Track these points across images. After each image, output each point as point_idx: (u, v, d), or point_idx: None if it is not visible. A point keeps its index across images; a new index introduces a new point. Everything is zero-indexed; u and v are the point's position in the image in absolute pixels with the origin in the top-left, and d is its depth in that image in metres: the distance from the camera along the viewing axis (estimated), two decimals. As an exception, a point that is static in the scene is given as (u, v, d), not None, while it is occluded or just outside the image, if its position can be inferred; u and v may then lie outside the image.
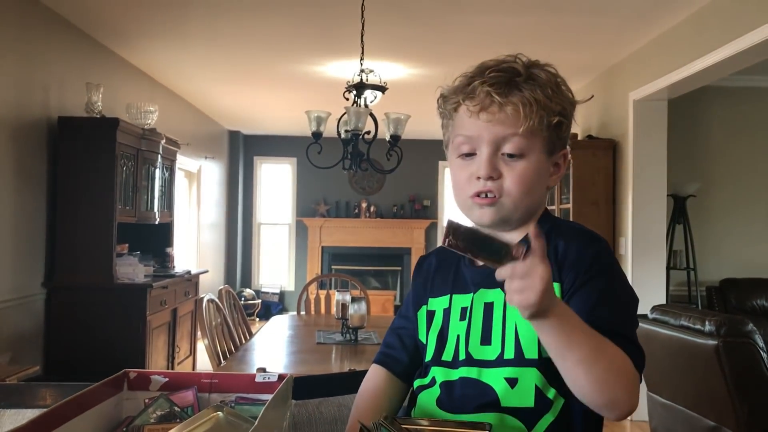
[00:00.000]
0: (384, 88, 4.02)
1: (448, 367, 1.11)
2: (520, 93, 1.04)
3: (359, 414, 1.16)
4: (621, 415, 0.96)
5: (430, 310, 1.18)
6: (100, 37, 4.66)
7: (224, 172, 8.83)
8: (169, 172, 5.28)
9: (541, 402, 1.03)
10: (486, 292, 1.10)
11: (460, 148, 1.09)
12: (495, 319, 1.07)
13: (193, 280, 5.46)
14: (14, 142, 3.73)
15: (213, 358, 3.31)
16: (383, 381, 1.22)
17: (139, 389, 1.00)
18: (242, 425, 0.89)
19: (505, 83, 1.05)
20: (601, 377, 0.93)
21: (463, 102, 1.07)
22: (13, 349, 3.69)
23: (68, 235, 4.10)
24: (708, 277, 5.67)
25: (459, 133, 1.09)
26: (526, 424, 1.03)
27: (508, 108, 1.04)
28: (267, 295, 9.29)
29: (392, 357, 1.24)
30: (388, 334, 1.28)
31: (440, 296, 1.17)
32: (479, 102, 1.05)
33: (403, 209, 9.39)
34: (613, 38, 4.53)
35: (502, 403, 1.04)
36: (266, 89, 6.41)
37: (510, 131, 1.04)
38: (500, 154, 1.06)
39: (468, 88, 1.07)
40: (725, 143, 5.82)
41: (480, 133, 1.06)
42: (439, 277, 1.20)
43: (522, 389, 1.04)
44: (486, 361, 1.07)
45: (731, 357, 2.62)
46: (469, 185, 1.08)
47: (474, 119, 1.06)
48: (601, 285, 1.02)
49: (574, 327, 0.92)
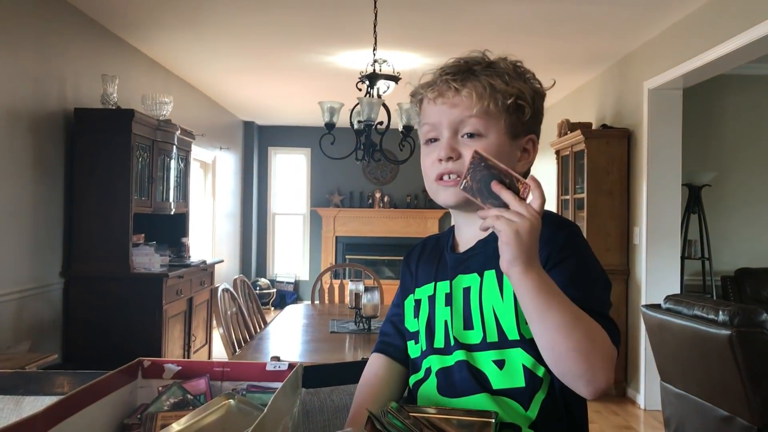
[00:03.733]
0: (397, 78, 4.02)
1: (442, 354, 1.13)
2: (477, 79, 1.09)
3: (360, 402, 1.18)
4: (597, 390, 0.93)
5: (417, 299, 1.21)
6: (115, 28, 4.70)
7: (239, 163, 8.87)
8: (184, 163, 5.32)
9: (532, 381, 1.05)
10: (462, 278, 1.13)
11: (426, 135, 1.15)
12: (473, 303, 1.10)
13: (209, 270, 5.51)
14: (32, 133, 3.77)
15: (228, 347, 3.34)
16: (383, 368, 1.25)
17: (153, 377, 1.02)
18: (253, 413, 0.91)
19: (463, 72, 1.11)
20: (580, 344, 0.92)
21: (424, 93, 1.14)
22: (32, 338, 3.75)
23: (85, 226, 4.15)
24: (723, 267, 5.63)
25: (423, 122, 1.15)
26: (521, 404, 1.05)
27: (463, 92, 1.09)
28: (282, 284, 9.35)
29: (389, 344, 1.27)
30: (384, 324, 1.32)
31: (425, 284, 1.20)
32: (437, 89, 1.11)
33: (416, 199, 9.40)
34: (627, 27, 4.49)
35: (494, 386, 1.06)
36: (280, 80, 6.42)
37: (466, 113, 1.09)
38: (459, 137, 1.10)
39: (430, 80, 1.14)
40: (741, 132, 5.77)
41: (439, 119, 1.11)
42: (425, 266, 1.24)
43: (511, 370, 1.05)
44: (471, 345, 1.09)
45: (745, 347, 2.61)
46: (433, 169, 1.12)
47: (432, 106, 1.12)
48: (572, 266, 1.03)
49: (553, 290, 0.93)
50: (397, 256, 9.46)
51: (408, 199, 9.40)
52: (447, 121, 1.10)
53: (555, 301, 0.93)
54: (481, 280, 1.10)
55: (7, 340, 3.53)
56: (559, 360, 0.94)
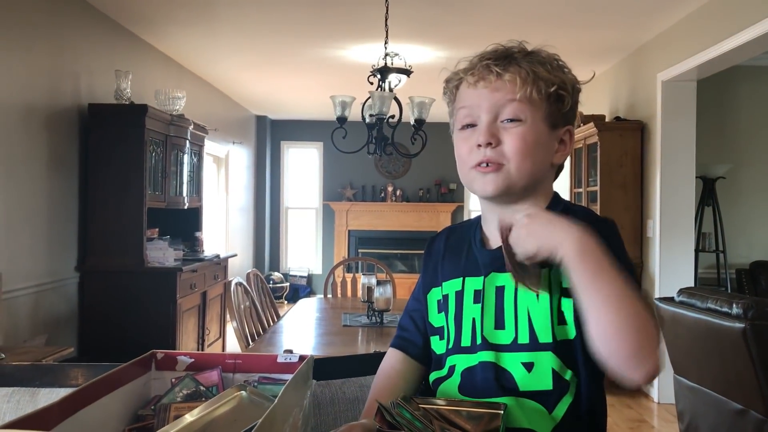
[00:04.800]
0: (409, 72, 4.01)
1: (467, 353, 1.10)
2: (518, 65, 1.08)
3: (376, 394, 1.17)
4: (647, 373, 0.90)
5: (444, 294, 1.17)
6: (128, 24, 4.72)
7: (252, 157, 8.90)
8: (198, 158, 5.35)
9: (559, 384, 1.04)
10: (497, 276, 1.10)
11: (462, 120, 1.12)
12: (506, 303, 1.07)
13: (222, 264, 5.54)
14: (47, 129, 3.81)
15: (241, 340, 3.37)
16: (399, 363, 1.23)
17: (166, 369, 1.04)
18: (264, 404, 0.92)
19: (504, 57, 1.09)
20: (630, 321, 0.90)
21: (464, 77, 1.11)
22: (48, 331, 3.80)
23: (99, 220, 4.19)
24: (738, 260, 5.59)
25: (460, 106, 1.12)
26: (546, 407, 1.04)
27: (506, 76, 1.07)
28: (295, 278, 9.38)
29: (407, 340, 1.25)
30: (403, 317, 1.29)
31: (452, 279, 1.17)
32: (478, 74, 1.09)
33: (429, 193, 9.39)
34: (640, 18, 4.46)
35: (521, 387, 1.04)
36: (292, 74, 6.43)
37: (509, 97, 1.07)
38: (499, 122, 1.08)
39: (468, 66, 1.11)
40: (756, 124, 5.71)
41: (479, 102, 1.09)
42: (450, 259, 1.20)
43: (539, 373, 1.04)
44: (501, 345, 1.06)
45: (759, 340, 2.59)
46: (471, 156, 1.10)
47: (472, 90, 1.10)
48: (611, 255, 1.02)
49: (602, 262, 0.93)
50: (409, 250, 9.47)
51: (420, 192, 9.40)
52: (488, 104, 1.08)
53: (605, 274, 0.92)
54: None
55: (24, 333, 3.57)
56: (608, 338, 0.91)
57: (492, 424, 0.97)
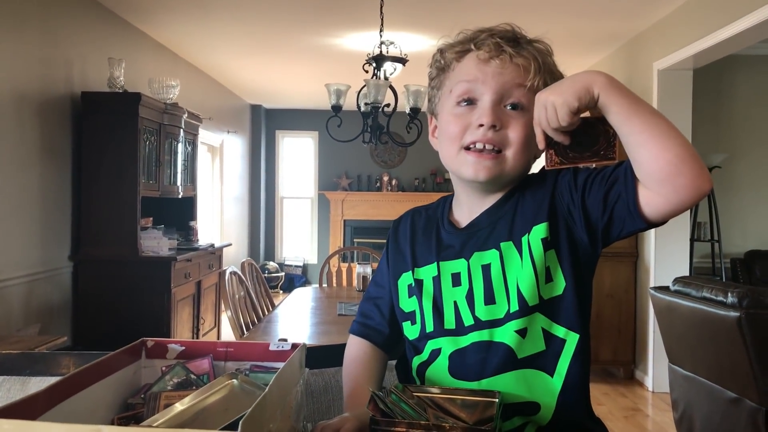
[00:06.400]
0: (404, 60, 3.99)
1: (454, 335, 1.08)
2: (529, 52, 1.06)
3: (356, 382, 1.15)
4: (693, 185, 0.90)
5: (418, 279, 1.14)
6: (121, 11, 4.68)
7: (246, 146, 8.87)
8: (192, 147, 5.32)
9: (552, 342, 1.04)
10: (481, 255, 1.08)
11: (461, 94, 1.07)
12: (494, 278, 1.06)
13: (217, 253, 5.53)
14: (39, 117, 3.78)
15: (236, 330, 3.36)
16: (368, 352, 1.21)
17: (156, 357, 1.02)
18: (256, 392, 0.91)
19: (513, 39, 1.06)
20: (675, 134, 0.91)
21: (474, 48, 1.06)
22: (42, 320, 3.78)
23: (93, 209, 4.17)
24: (733, 249, 5.61)
25: (462, 80, 1.07)
26: (546, 371, 1.04)
27: (518, 60, 1.04)
28: (290, 267, 9.37)
29: (372, 328, 1.22)
30: (365, 304, 1.25)
31: (426, 265, 1.14)
32: (489, 50, 1.05)
33: (424, 182, 9.38)
34: (637, 7, 4.44)
35: (519, 354, 1.03)
36: (287, 62, 6.40)
37: (517, 81, 1.04)
38: (502, 106, 1.05)
39: (477, 38, 1.07)
40: (751, 113, 5.71)
41: (486, 79, 1.05)
42: (420, 243, 1.17)
43: (532, 336, 1.03)
44: (495, 320, 1.05)
45: (753, 329, 2.59)
46: (466, 135, 1.06)
47: (483, 66, 1.05)
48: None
49: (632, 92, 0.95)
50: (405, 240, 9.44)
51: (416, 182, 9.39)
52: (496, 85, 1.04)
53: (642, 101, 0.95)
54: (501, 253, 1.06)
55: (17, 323, 3.56)
56: (651, 151, 0.91)
57: (487, 412, 0.96)
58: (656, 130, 0.91)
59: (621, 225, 0.98)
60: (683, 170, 0.90)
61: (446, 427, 0.86)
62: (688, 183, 0.90)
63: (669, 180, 0.91)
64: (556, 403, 1.03)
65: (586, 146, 1.00)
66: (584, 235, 1.02)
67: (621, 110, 0.93)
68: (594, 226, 1.01)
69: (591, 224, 1.01)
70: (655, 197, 0.93)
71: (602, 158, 1.01)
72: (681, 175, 0.90)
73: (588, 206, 1.00)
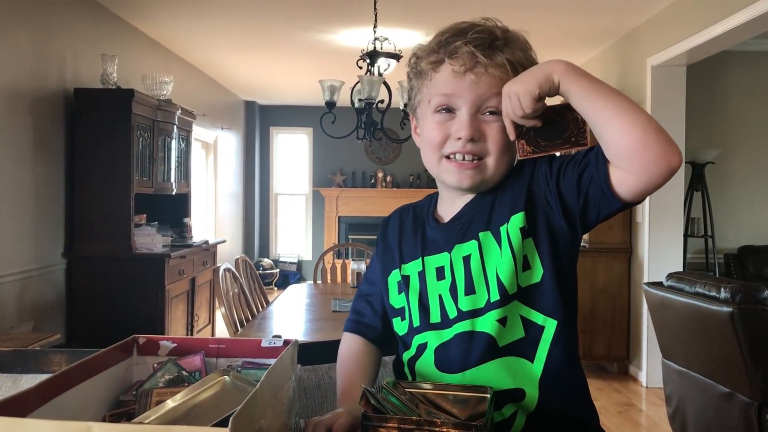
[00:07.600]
0: (398, 56, 3.98)
1: (439, 329, 1.10)
2: (503, 55, 1.06)
3: (349, 379, 1.16)
4: (662, 159, 0.91)
5: (405, 275, 1.17)
6: (114, 7, 4.66)
7: (241, 143, 8.85)
8: (186, 143, 5.31)
9: (530, 329, 1.05)
10: (461, 247, 1.10)
11: (438, 103, 1.09)
12: (474, 269, 1.07)
13: (211, 250, 5.52)
14: (32, 114, 3.76)
15: (230, 327, 3.36)
16: (361, 348, 1.23)
17: (148, 354, 1.02)
18: (248, 389, 0.91)
19: (488, 45, 1.06)
20: (639, 111, 0.94)
21: (447, 59, 1.07)
22: (36, 318, 3.77)
23: (86, 206, 4.15)
24: (726, 245, 5.62)
25: (440, 93, 1.09)
26: (527, 357, 1.05)
27: (493, 70, 1.05)
28: (285, 264, 9.37)
29: (365, 325, 1.25)
30: (357, 301, 1.29)
31: (412, 261, 1.16)
32: (464, 62, 1.06)
33: (419, 179, 9.38)
34: (630, 3, 4.44)
35: (500, 343, 1.05)
36: (281, 58, 6.39)
37: (494, 91, 1.06)
38: (480, 114, 1.08)
39: (450, 47, 1.07)
40: (745, 109, 5.72)
41: (462, 93, 1.07)
42: (407, 240, 1.20)
43: (511, 324, 1.05)
44: (476, 310, 1.07)
45: (746, 324, 2.60)
46: (446, 145, 1.10)
47: (459, 79, 1.06)
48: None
49: (593, 76, 0.99)
50: (399, 236, 9.45)
51: (410, 178, 9.39)
52: (473, 96, 1.06)
53: (602, 83, 0.97)
54: (479, 243, 1.08)
55: (10, 320, 3.55)
56: (618, 130, 0.94)
57: (479, 408, 0.97)
58: (619, 108, 0.94)
59: (597, 207, 1.00)
60: (650, 144, 0.92)
61: (438, 423, 0.86)
62: (656, 157, 0.92)
63: (638, 156, 0.92)
64: (539, 388, 1.05)
65: (556, 134, 1.03)
66: (562, 221, 1.03)
67: (581, 92, 0.97)
68: (571, 211, 1.02)
69: (568, 210, 1.02)
70: (626, 176, 0.95)
71: (573, 144, 1.03)
72: (649, 149, 0.92)
73: (563, 192, 1.02)
